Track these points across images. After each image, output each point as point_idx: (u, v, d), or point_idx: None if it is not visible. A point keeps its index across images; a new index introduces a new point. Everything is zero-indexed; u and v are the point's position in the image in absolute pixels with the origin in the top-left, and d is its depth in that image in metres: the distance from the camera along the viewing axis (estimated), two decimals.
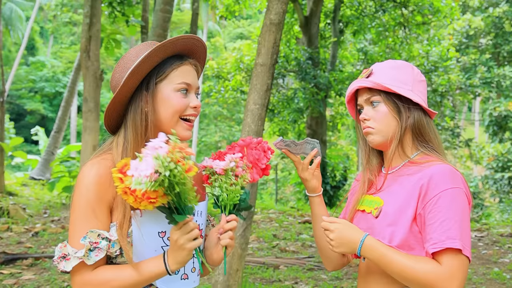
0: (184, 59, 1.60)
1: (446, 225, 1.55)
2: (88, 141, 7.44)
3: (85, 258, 1.44)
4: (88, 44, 7.42)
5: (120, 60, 1.60)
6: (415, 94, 1.71)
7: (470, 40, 17.86)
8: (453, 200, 1.56)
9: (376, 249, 1.58)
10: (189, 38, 1.59)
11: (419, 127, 1.71)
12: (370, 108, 1.74)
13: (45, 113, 34.26)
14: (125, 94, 1.56)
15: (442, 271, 1.52)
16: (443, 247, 1.53)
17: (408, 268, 1.54)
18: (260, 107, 4.30)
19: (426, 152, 1.71)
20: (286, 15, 4.55)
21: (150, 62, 1.54)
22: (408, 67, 1.76)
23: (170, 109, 1.56)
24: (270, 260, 6.60)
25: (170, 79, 1.57)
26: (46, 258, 6.24)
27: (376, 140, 1.74)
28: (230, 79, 14.73)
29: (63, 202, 10.59)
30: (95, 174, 1.49)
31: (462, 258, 1.54)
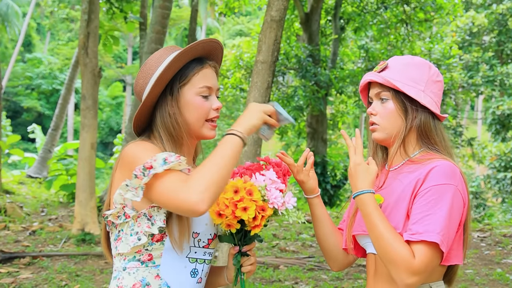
0: (204, 62, 1.70)
1: (428, 219, 1.55)
2: (86, 139, 7.45)
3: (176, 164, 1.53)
4: (86, 41, 7.42)
5: (143, 66, 1.70)
6: (426, 95, 1.71)
7: (473, 37, 17.86)
8: (443, 195, 1.57)
9: (369, 206, 1.61)
10: (208, 42, 1.68)
11: (425, 129, 1.72)
12: (379, 103, 1.75)
13: (42, 110, 34.24)
14: (152, 100, 1.65)
15: (412, 262, 1.52)
16: (418, 239, 1.54)
17: (387, 239, 1.56)
18: None
19: (428, 151, 1.72)
20: (286, 12, 4.55)
21: (173, 68, 1.63)
22: (425, 65, 1.75)
23: (193, 112, 1.66)
24: (270, 260, 6.61)
25: (192, 83, 1.66)
26: (43, 257, 6.25)
27: (379, 136, 1.76)
28: (230, 76, 14.72)
29: (61, 201, 10.60)
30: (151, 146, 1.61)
31: (435, 255, 1.54)
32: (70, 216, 8.98)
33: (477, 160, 18.56)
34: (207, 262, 1.69)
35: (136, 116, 1.67)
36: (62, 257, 6.38)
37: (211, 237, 1.69)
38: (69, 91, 15.61)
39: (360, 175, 1.65)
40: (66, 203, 10.32)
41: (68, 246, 6.93)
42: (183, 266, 1.63)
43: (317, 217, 1.89)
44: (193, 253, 1.64)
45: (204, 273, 1.69)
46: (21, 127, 31.43)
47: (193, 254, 1.64)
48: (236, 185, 1.57)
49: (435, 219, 1.55)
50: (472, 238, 8.34)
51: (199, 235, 1.64)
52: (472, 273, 6.28)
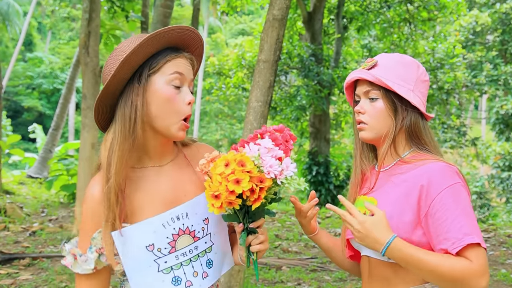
0: (179, 52, 1.55)
1: (458, 223, 1.53)
2: (86, 139, 7.44)
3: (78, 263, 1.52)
4: (87, 40, 7.41)
5: (113, 51, 1.54)
6: (415, 95, 1.69)
7: (476, 36, 17.82)
8: (457, 196, 1.55)
9: (405, 249, 1.53)
10: (183, 29, 1.53)
11: (415, 129, 1.70)
12: (367, 101, 1.72)
13: (43, 110, 34.29)
14: (116, 86, 1.49)
15: (475, 267, 1.50)
16: (463, 245, 1.51)
17: (442, 266, 1.50)
18: (262, 104, 4.29)
19: (418, 151, 1.70)
20: (289, 11, 4.54)
21: (143, 52, 1.48)
22: (414, 64, 1.73)
23: (162, 104, 1.50)
24: (273, 261, 6.59)
25: (163, 71, 1.51)
26: (43, 258, 6.24)
27: (367, 136, 1.73)
28: (232, 76, 14.71)
29: (61, 201, 10.59)
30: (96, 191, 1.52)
31: (483, 251, 1.53)
32: (70, 216, 8.98)
33: (481, 160, 18.53)
34: (191, 259, 1.54)
35: (97, 103, 1.50)
36: (62, 258, 6.36)
37: (172, 239, 1.51)
38: (70, 91, 15.62)
39: (375, 230, 1.53)
40: (67, 204, 10.32)
41: None
42: (160, 281, 1.50)
43: (325, 247, 1.90)
44: (163, 264, 1.50)
45: (192, 273, 1.54)
46: (21, 126, 31.48)
47: (164, 265, 1.50)
48: (226, 158, 1.43)
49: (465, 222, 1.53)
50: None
51: (154, 245, 1.49)
52: None
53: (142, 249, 1.47)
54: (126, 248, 1.46)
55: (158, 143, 1.56)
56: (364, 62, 1.77)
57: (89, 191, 1.52)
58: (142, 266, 1.47)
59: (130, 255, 1.46)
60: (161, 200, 1.54)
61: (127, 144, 1.47)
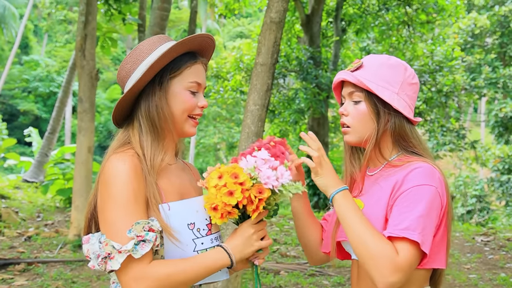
0: (197, 57, 1.67)
1: (408, 217, 1.52)
2: (83, 143, 7.42)
3: (132, 252, 1.45)
4: (83, 43, 7.40)
5: (132, 51, 1.64)
6: (400, 98, 1.67)
7: (475, 39, 17.86)
8: (422, 196, 1.54)
9: (347, 203, 1.58)
10: (205, 36, 1.67)
11: (400, 133, 1.69)
12: (351, 103, 1.72)
13: (39, 113, 34.24)
14: (139, 87, 1.61)
15: (396, 259, 1.48)
16: (400, 235, 1.50)
17: (368, 237, 1.52)
18: (260, 107, 4.29)
19: (406, 154, 1.69)
20: (287, 14, 4.55)
21: (168, 57, 1.60)
22: (401, 66, 1.71)
23: (179, 106, 1.63)
24: (271, 265, 6.58)
25: (183, 77, 1.64)
26: (39, 263, 6.22)
27: (351, 139, 1.73)
28: (230, 79, 14.71)
29: (57, 206, 10.56)
30: (130, 167, 1.52)
31: (416, 254, 1.51)
32: (66, 221, 8.95)
33: (481, 163, 18.55)
34: None
35: (119, 103, 1.61)
36: (58, 264, 6.34)
37: (209, 221, 1.64)
38: (67, 94, 15.59)
39: (332, 173, 1.63)
40: (63, 208, 10.29)
41: (64, 252, 6.89)
42: None
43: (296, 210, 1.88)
44: (200, 245, 1.59)
45: None
46: (17, 130, 31.42)
47: (200, 246, 1.59)
48: (220, 170, 1.53)
49: (415, 219, 1.51)
50: (476, 242, 8.32)
51: (195, 224, 1.60)
52: (475, 278, 6.25)
53: (184, 226, 1.58)
54: (169, 223, 1.54)
55: (170, 141, 1.69)
56: (352, 63, 1.76)
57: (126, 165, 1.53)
58: (181, 243, 1.55)
59: (173, 231, 1.54)
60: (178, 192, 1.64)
61: (159, 144, 1.63)
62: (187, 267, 1.49)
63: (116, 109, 1.63)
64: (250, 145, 1.78)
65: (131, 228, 1.46)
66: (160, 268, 1.47)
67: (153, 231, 1.48)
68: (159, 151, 1.63)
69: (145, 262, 1.46)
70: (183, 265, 1.49)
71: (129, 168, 1.52)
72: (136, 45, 1.80)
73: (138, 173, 1.53)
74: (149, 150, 1.59)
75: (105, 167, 1.54)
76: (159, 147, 1.63)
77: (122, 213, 1.48)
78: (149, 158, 1.58)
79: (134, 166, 1.53)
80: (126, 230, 1.46)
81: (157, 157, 1.60)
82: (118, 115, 1.67)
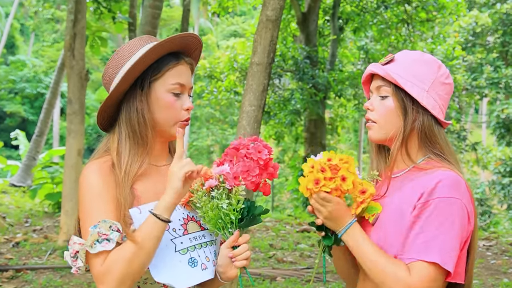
0: (180, 58, 1.66)
1: (426, 236, 1.53)
2: (72, 145, 7.41)
3: (89, 247, 1.47)
4: (72, 42, 7.40)
5: (114, 54, 1.65)
6: (429, 96, 1.65)
7: (476, 38, 17.93)
8: (445, 210, 1.53)
9: (357, 236, 1.59)
10: (186, 36, 1.65)
11: (428, 133, 1.65)
12: (378, 98, 1.70)
13: (26, 115, 34.11)
14: (119, 92, 1.60)
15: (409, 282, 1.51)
16: (415, 259, 1.52)
17: (379, 266, 1.55)
18: (256, 108, 4.31)
19: (434, 158, 1.66)
20: (283, 12, 4.56)
21: (147, 60, 1.59)
22: (435, 63, 1.69)
23: (162, 111, 1.63)
24: (267, 272, 6.59)
25: (165, 79, 1.63)
26: (27, 270, 6.21)
27: (375, 136, 1.71)
28: (223, 79, 14.72)
29: (46, 211, 10.54)
30: (97, 169, 1.58)
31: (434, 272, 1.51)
32: (55, 226, 8.93)
33: (482, 166, 18.61)
34: (202, 245, 1.66)
35: (101, 108, 1.62)
36: (47, 270, 6.33)
37: (183, 222, 1.65)
38: (55, 95, 15.56)
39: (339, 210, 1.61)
40: (52, 213, 10.27)
41: (53, 258, 6.88)
42: (177, 261, 1.59)
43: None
44: (180, 245, 1.61)
45: (204, 257, 1.65)
46: (3, 133, 31.31)
47: (180, 245, 1.61)
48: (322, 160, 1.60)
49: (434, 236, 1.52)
50: (478, 247, 8.35)
51: (169, 225, 1.58)
52: (478, 284, 6.28)
53: None
54: None
55: (157, 143, 1.69)
56: (384, 57, 1.76)
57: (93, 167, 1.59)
58: (160, 245, 1.55)
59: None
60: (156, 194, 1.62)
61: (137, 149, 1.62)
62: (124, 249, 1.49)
63: (98, 115, 1.65)
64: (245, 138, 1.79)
65: (97, 224, 1.50)
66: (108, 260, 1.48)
67: (119, 232, 1.51)
68: (138, 157, 1.63)
69: (103, 259, 1.50)
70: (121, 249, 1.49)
71: (96, 169, 1.58)
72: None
73: (107, 177, 1.57)
74: (126, 157, 1.60)
75: (80, 174, 1.61)
76: (139, 153, 1.62)
77: (90, 211, 1.54)
78: (124, 165, 1.59)
79: (103, 170, 1.58)
80: (90, 226, 1.51)
81: (135, 164, 1.60)
82: (102, 121, 1.68)
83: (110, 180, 1.57)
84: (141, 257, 1.48)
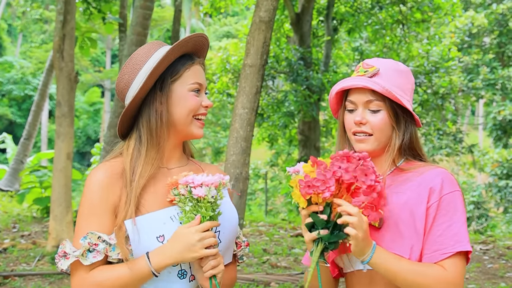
0: (193, 58, 1.74)
1: (453, 229, 1.64)
2: (61, 149, 7.39)
3: (82, 258, 1.54)
4: (61, 43, 7.39)
5: (128, 61, 1.70)
6: (410, 104, 1.76)
7: (472, 38, 18.02)
8: (457, 202, 1.66)
9: (385, 255, 1.60)
10: (199, 37, 1.73)
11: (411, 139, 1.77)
12: (368, 111, 1.73)
13: (14, 118, 33.97)
14: (141, 96, 1.67)
15: (449, 278, 1.60)
16: (453, 252, 1.61)
17: (419, 276, 1.59)
18: (249, 111, 4.32)
19: (411, 159, 1.78)
20: (276, 12, 4.58)
21: (166, 62, 1.66)
22: (409, 73, 1.80)
23: (184, 107, 1.69)
24: (260, 277, 6.59)
25: (184, 79, 1.71)
26: (15, 277, 6.18)
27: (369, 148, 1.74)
28: (216, 81, 14.72)
29: (34, 216, 10.50)
30: (99, 177, 1.62)
31: (463, 262, 1.63)
32: (44, 232, 8.90)
33: (478, 168, 18.69)
34: None
35: (124, 115, 1.68)
36: (35, 277, 6.31)
37: None
38: (43, 97, 15.51)
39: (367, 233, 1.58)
40: (40, 218, 10.23)
41: (42, 264, 6.86)
42: (167, 272, 1.62)
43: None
44: None
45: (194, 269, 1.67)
46: None
47: None
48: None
49: (459, 227, 1.64)
50: (475, 251, 8.38)
51: (165, 236, 1.62)
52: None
53: (153, 239, 1.61)
54: (137, 238, 1.59)
55: (171, 145, 1.75)
56: (360, 67, 1.77)
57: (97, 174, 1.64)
58: None
59: (141, 245, 1.59)
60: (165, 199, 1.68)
61: (154, 152, 1.67)
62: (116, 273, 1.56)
63: (120, 122, 1.69)
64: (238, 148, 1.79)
65: (86, 235, 1.56)
66: (96, 275, 1.56)
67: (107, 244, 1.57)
68: (153, 161, 1.67)
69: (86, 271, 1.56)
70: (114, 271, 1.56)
71: (99, 178, 1.63)
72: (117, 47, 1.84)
73: (108, 183, 1.62)
74: (141, 161, 1.65)
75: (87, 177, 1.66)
76: (154, 156, 1.67)
77: (82, 219, 1.60)
78: (138, 171, 1.63)
79: (107, 175, 1.63)
80: (82, 236, 1.56)
81: (148, 168, 1.65)
82: (123, 128, 1.73)
83: (112, 187, 1.62)
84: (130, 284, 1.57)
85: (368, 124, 1.73)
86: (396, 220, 1.68)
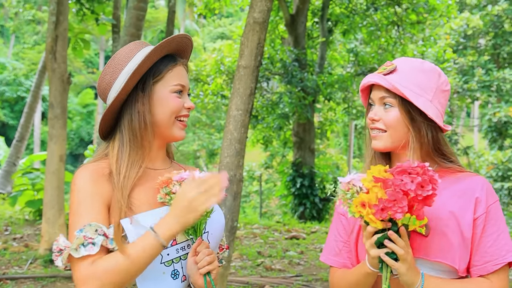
0: (176, 59, 1.73)
1: (502, 239, 1.66)
2: (54, 151, 7.37)
3: (73, 251, 1.49)
4: (54, 45, 7.37)
5: (110, 61, 1.70)
6: (433, 106, 1.70)
7: (468, 40, 18.08)
8: (500, 212, 1.69)
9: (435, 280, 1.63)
10: (182, 37, 1.72)
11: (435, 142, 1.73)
12: (382, 108, 1.74)
13: (6, 120, 33.88)
14: (122, 96, 1.65)
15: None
16: (505, 262, 1.64)
17: None
18: (243, 112, 4.32)
19: (444, 163, 1.75)
20: (270, 13, 4.59)
21: (148, 63, 1.64)
22: (435, 72, 1.74)
23: (166, 109, 1.68)
24: (255, 280, 6.59)
25: (166, 80, 1.69)
26: (7, 280, 6.16)
27: (383, 145, 1.74)
28: (210, 82, 14.73)
29: (26, 218, 10.46)
30: (88, 173, 1.61)
31: (507, 271, 1.66)
32: (36, 235, 8.87)
33: (474, 170, 18.74)
34: (184, 257, 1.68)
35: (105, 115, 1.66)
36: (28, 280, 6.29)
37: None
38: (36, 99, 15.47)
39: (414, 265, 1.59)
40: (33, 221, 10.19)
41: (34, 267, 6.84)
42: (160, 273, 1.62)
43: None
44: (166, 256, 1.64)
45: (186, 269, 1.68)
46: None
47: (166, 257, 1.64)
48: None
49: (506, 237, 1.67)
50: None
51: None
52: None
53: None
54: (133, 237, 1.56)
55: (155, 146, 1.74)
56: (383, 65, 1.78)
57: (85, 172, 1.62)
58: None
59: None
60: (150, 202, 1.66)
61: (137, 153, 1.66)
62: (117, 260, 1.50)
63: (102, 122, 1.68)
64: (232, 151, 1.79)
65: (83, 228, 1.52)
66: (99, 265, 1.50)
67: (106, 236, 1.53)
68: (137, 162, 1.67)
69: (89, 263, 1.51)
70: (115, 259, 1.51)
71: (88, 174, 1.61)
72: (110, 49, 1.84)
73: (98, 181, 1.60)
74: (126, 162, 1.64)
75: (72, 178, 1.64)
76: (137, 157, 1.66)
77: (77, 215, 1.56)
78: (123, 172, 1.62)
79: (95, 172, 1.62)
80: (76, 230, 1.53)
81: (134, 169, 1.64)
82: (104, 128, 1.72)
83: (101, 184, 1.60)
84: (131, 272, 1.51)
85: (382, 121, 1.73)
86: (443, 228, 1.66)
